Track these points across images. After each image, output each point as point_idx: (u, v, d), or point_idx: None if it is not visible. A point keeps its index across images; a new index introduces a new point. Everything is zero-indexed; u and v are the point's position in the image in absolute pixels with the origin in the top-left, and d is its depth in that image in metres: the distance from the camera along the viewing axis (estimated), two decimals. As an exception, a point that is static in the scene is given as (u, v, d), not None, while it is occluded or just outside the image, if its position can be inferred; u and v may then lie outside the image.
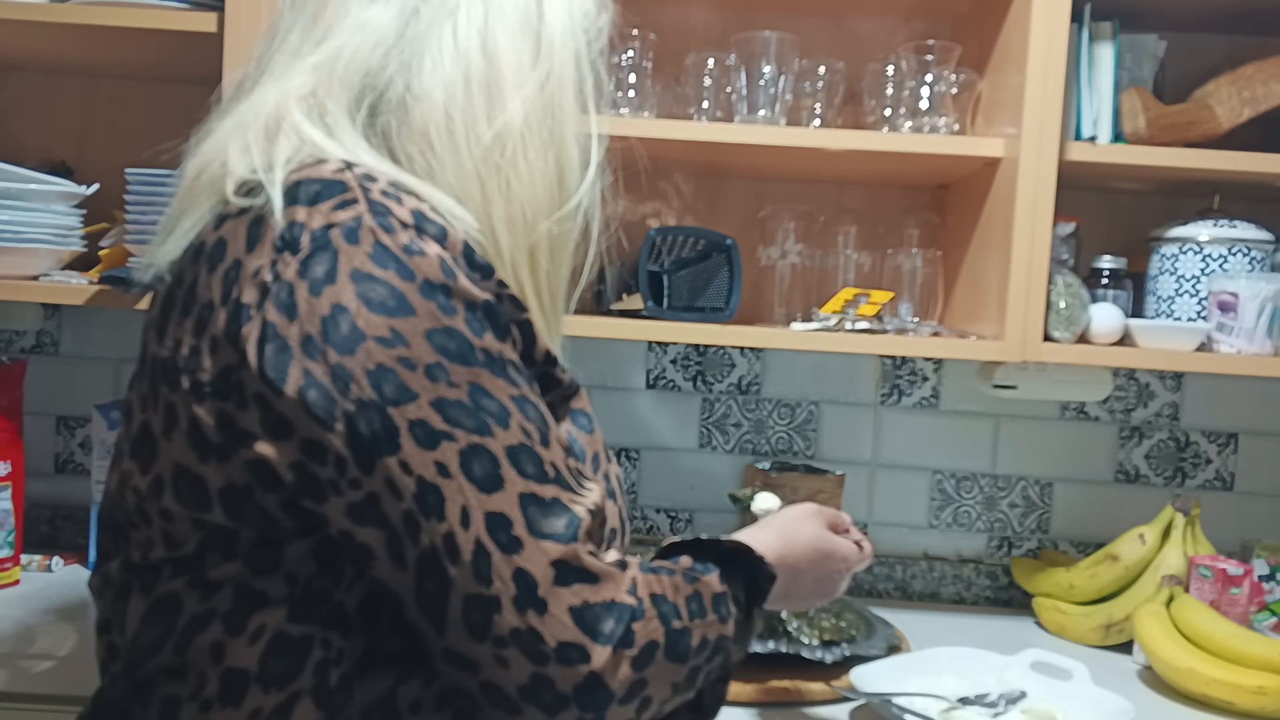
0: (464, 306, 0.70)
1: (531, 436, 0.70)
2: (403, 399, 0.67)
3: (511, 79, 0.77)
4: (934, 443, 1.78)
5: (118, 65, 1.66)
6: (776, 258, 1.66)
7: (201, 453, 0.71)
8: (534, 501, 0.69)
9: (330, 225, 0.68)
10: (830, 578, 1.00)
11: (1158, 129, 1.46)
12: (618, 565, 0.72)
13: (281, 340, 0.67)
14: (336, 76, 0.75)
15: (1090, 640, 1.55)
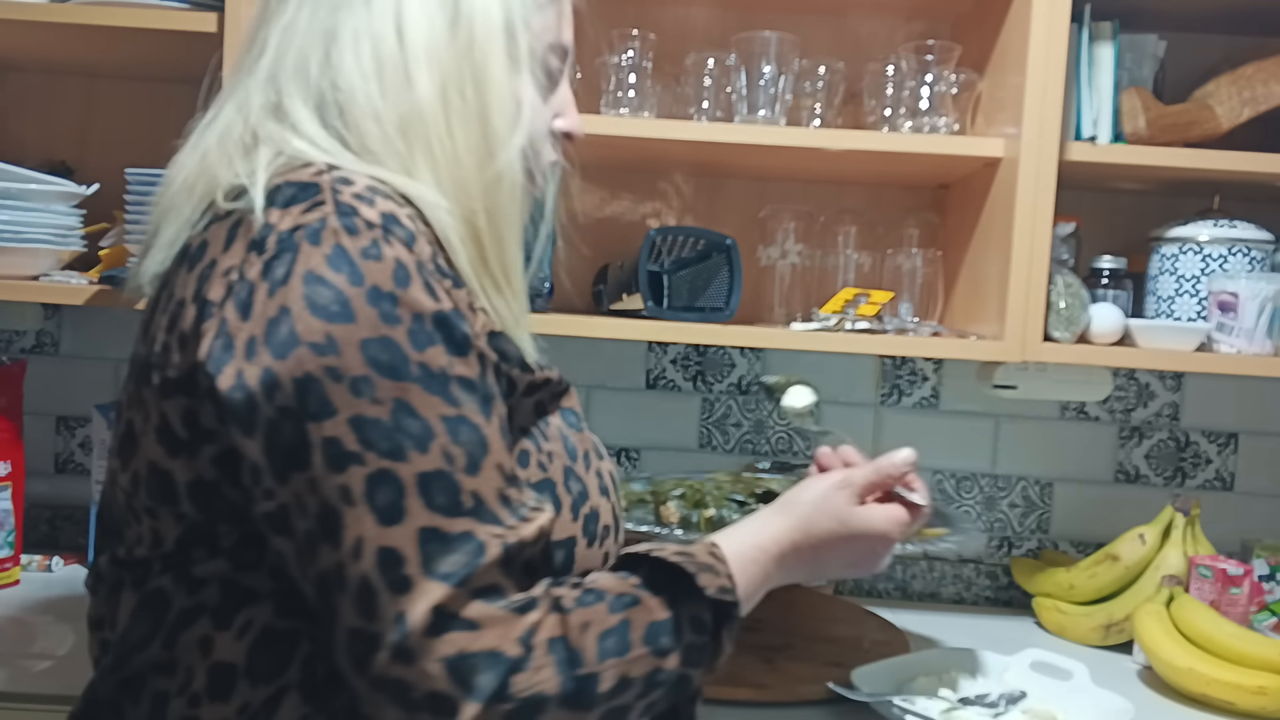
0: (411, 316, 0.68)
1: (455, 462, 0.67)
2: (321, 414, 0.66)
3: (424, 54, 0.76)
4: (934, 443, 1.78)
5: (118, 65, 1.66)
6: (776, 258, 1.66)
7: (170, 448, 0.72)
8: (435, 537, 0.65)
9: (297, 227, 0.69)
10: (866, 557, 0.91)
11: (1158, 129, 1.46)
12: (520, 607, 0.67)
13: (229, 338, 0.67)
14: (284, 84, 0.77)
15: (1090, 640, 1.55)
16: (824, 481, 0.91)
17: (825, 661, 1.36)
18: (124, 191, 1.49)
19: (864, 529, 0.89)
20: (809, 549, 0.87)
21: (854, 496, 0.90)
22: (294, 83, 0.77)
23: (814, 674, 1.31)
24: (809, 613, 1.56)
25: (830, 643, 1.44)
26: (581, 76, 1.53)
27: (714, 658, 0.77)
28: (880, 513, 0.91)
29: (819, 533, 0.87)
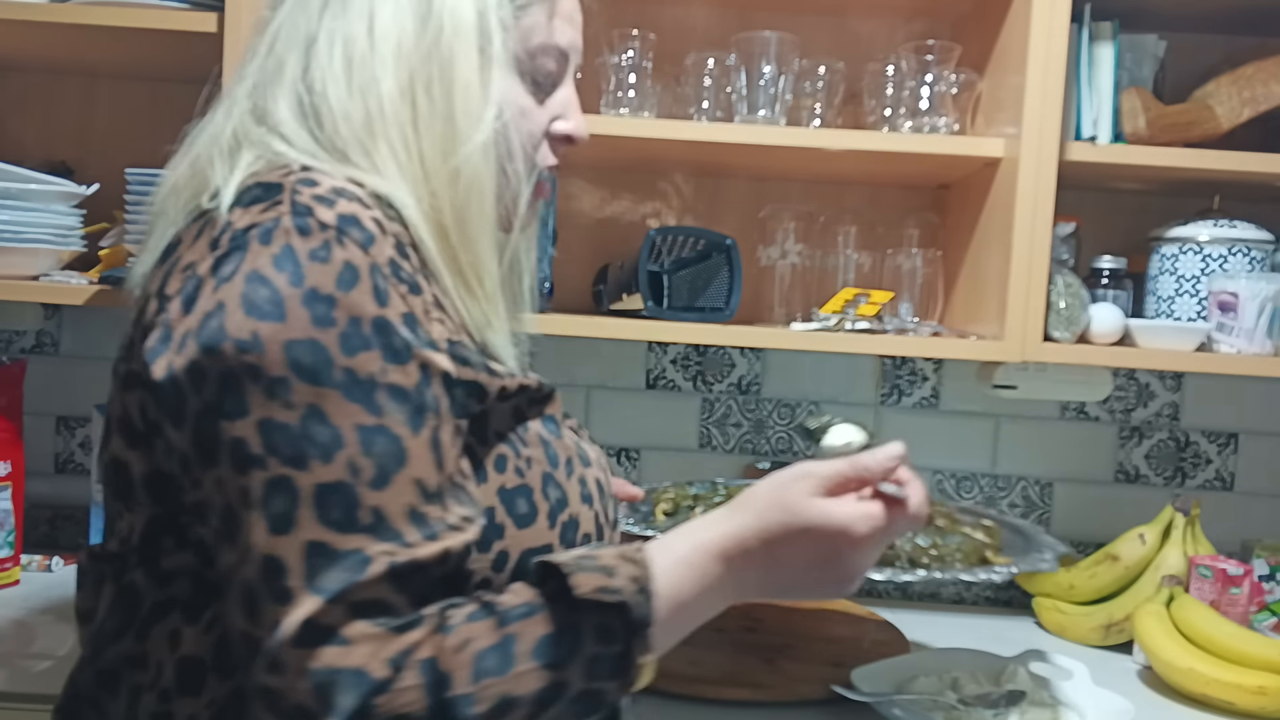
0: (347, 320, 0.67)
1: (360, 474, 0.66)
2: (235, 413, 0.66)
3: (392, 52, 0.77)
4: (934, 443, 1.78)
5: (118, 65, 1.66)
6: (776, 258, 1.66)
7: (129, 440, 0.73)
8: (322, 551, 0.64)
9: (252, 226, 0.69)
10: (829, 559, 0.77)
11: (1158, 129, 1.46)
12: (399, 627, 0.65)
13: (168, 330, 0.68)
14: (268, 87, 0.78)
15: (1090, 640, 1.55)
16: (784, 473, 0.78)
17: (825, 661, 1.36)
18: (124, 191, 1.49)
19: (820, 523, 0.75)
20: (760, 549, 0.76)
21: (815, 488, 0.76)
22: (275, 86, 0.78)
23: (814, 674, 1.31)
24: (809, 613, 1.56)
25: (830, 643, 1.44)
26: (581, 76, 1.53)
27: (626, 670, 0.70)
28: (842, 505, 0.76)
29: (770, 529, 0.76)
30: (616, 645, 0.70)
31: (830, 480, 0.77)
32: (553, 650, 0.68)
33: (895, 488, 0.78)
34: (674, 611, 0.74)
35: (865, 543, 0.76)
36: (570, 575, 0.69)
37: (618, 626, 0.70)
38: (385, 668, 0.64)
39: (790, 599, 0.94)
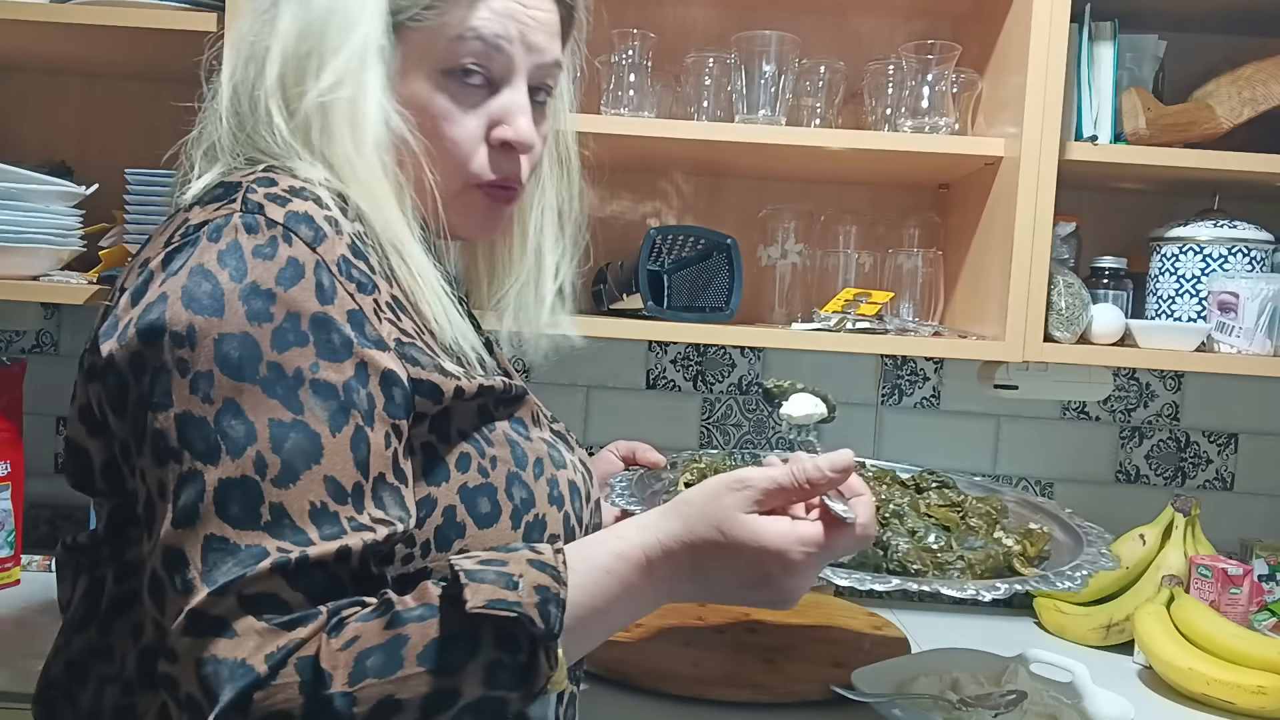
0: (285, 315, 0.68)
1: (267, 470, 0.66)
2: (160, 405, 0.67)
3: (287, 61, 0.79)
4: (935, 443, 1.78)
5: (118, 65, 1.66)
6: (777, 257, 1.66)
7: (90, 428, 0.76)
8: (219, 545, 0.65)
9: (204, 223, 0.71)
10: (758, 580, 0.73)
11: (1158, 129, 1.46)
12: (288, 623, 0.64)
13: (115, 319, 0.71)
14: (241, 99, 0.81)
15: (1090, 640, 1.55)
16: (720, 480, 0.74)
17: (825, 662, 1.36)
18: (124, 191, 1.49)
19: (751, 544, 0.71)
20: (687, 561, 0.73)
21: (748, 502, 0.72)
22: (229, 107, 0.81)
23: (814, 674, 1.31)
24: (809, 613, 1.56)
25: (830, 643, 1.44)
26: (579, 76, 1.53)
27: (528, 680, 0.67)
28: (776, 527, 0.71)
29: (696, 543, 0.72)
30: (520, 655, 0.67)
31: (767, 492, 0.73)
32: (444, 656, 0.65)
33: (842, 506, 0.73)
34: (591, 618, 0.72)
35: (800, 567, 0.72)
36: (466, 585, 0.66)
37: (520, 635, 0.67)
38: (265, 664, 0.63)
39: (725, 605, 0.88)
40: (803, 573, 0.72)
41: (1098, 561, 1.06)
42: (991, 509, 1.21)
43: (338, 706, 0.63)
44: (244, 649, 0.63)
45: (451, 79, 0.81)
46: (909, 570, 1.04)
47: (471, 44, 0.81)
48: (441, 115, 0.81)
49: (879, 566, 1.05)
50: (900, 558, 1.05)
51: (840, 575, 0.96)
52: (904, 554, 1.05)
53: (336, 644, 0.65)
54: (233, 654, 0.63)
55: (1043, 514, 1.27)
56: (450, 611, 0.66)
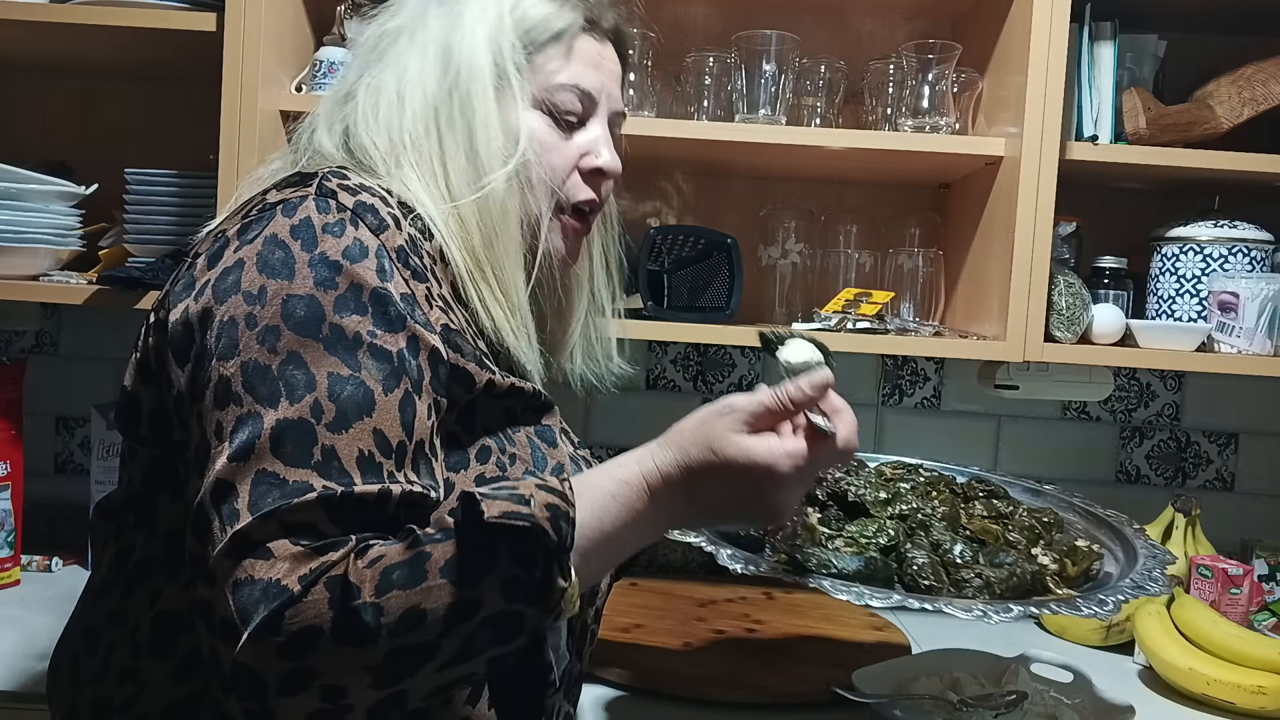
0: (348, 285, 0.74)
1: (322, 415, 0.70)
2: (226, 354, 0.72)
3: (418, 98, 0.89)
4: (935, 443, 1.78)
5: (118, 65, 1.66)
6: (777, 257, 1.66)
7: (143, 377, 0.81)
8: (269, 479, 0.68)
9: (281, 201, 0.78)
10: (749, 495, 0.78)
11: (1158, 129, 1.46)
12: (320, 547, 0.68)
13: (190, 280, 0.77)
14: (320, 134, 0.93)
15: (1090, 640, 1.55)
16: (707, 408, 0.80)
17: (825, 662, 1.36)
18: (123, 191, 1.49)
19: (742, 461, 0.76)
20: (683, 484, 0.77)
21: (738, 423, 0.77)
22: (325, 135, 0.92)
23: (814, 674, 1.31)
24: (809, 613, 1.56)
25: (830, 643, 1.45)
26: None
27: (544, 594, 0.70)
28: (765, 443, 0.77)
29: (692, 464, 0.77)
30: (536, 570, 0.70)
31: (753, 414, 0.77)
32: (464, 569, 0.68)
33: (823, 421, 0.78)
34: (598, 541, 0.75)
35: (789, 480, 0.77)
36: (482, 501, 0.70)
37: (536, 551, 0.70)
38: (299, 583, 0.66)
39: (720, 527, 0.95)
40: (791, 485, 0.78)
41: (1144, 586, 1.02)
42: (1039, 523, 1.16)
43: (366, 618, 0.66)
44: (279, 570, 0.66)
45: (549, 115, 0.94)
46: (919, 586, 1.02)
47: (573, 92, 0.95)
48: (546, 144, 0.93)
49: (889, 580, 1.02)
50: (914, 572, 1.03)
51: (840, 589, 0.95)
52: (918, 568, 1.03)
53: (363, 563, 0.68)
54: (268, 574, 0.66)
55: (1107, 529, 1.22)
56: (468, 528, 0.70)
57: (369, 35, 0.96)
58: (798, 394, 0.78)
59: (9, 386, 1.55)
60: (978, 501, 1.22)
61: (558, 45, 0.94)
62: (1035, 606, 0.98)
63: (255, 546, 0.67)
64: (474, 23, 0.91)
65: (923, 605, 0.96)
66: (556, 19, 0.94)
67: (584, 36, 0.96)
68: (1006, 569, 1.04)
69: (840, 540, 1.07)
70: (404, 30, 0.93)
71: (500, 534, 0.69)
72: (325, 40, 1.53)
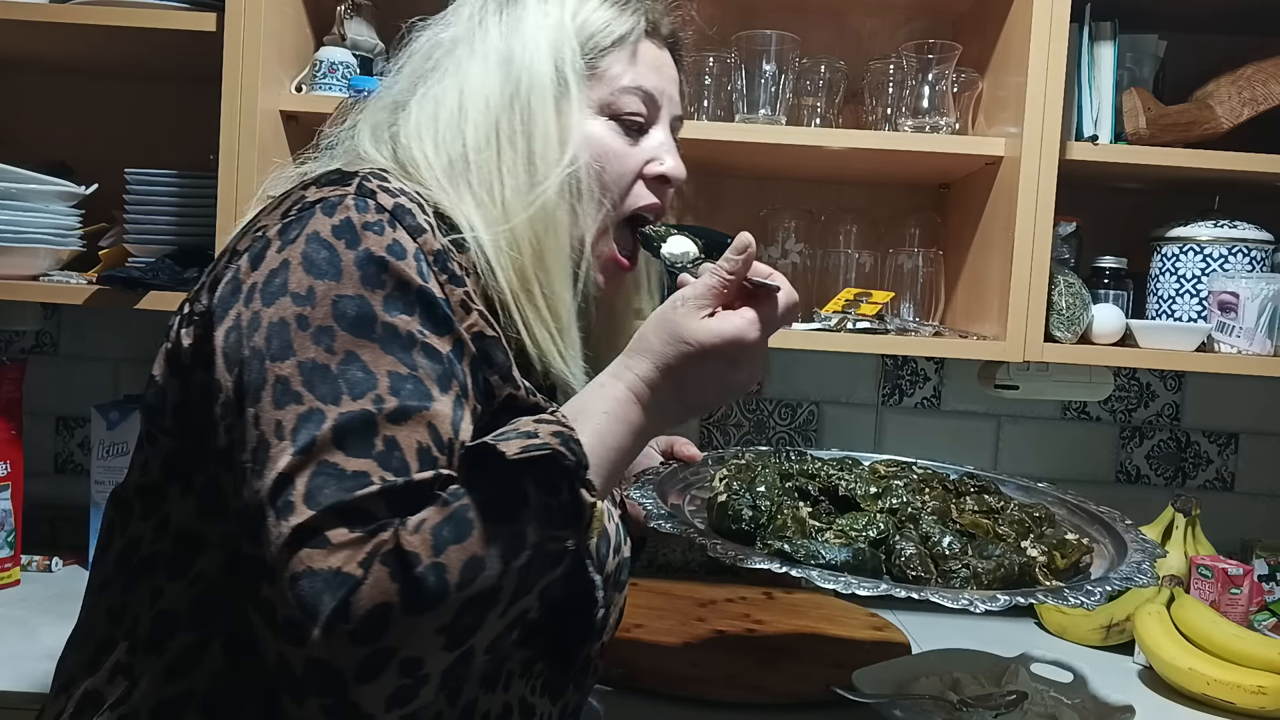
0: (394, 284, 0.75)
1: (383, 409, 0.71)
2: (281, 355, 0.72)
3: (480, 110, 0.88)
4: (935, 443, 1.78)
5: (118, 65, 1.66)
6: (777, 257, 1.66)
7: (173, 369, 0.81)
8: (329, 470, 0.69)
9: (320, 200, 0.78)
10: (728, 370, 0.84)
11: (1158, 129, 1.46)
12: (373, 530, 0.68)
13: (236, 283, 0.76)
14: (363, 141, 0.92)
15: (1090, 640, 1.55)
16: (663, 309, 0.85)
17: (825, 662, 1.36)
18: (123, 191, 1.49)
19: (714, 342, 0.82)
20: (668, 383, 0.82)
21: (696, 310, 0.83)
22: (369, 141, 0.91)
23: (814, 674, 1.31)
24: (810, 613, 1.56)
25: (830, 643, 1.44)
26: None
27: (577, 516, 0.74)
28: (729, 320, 0.83)
29: (670, 363, 0.82)
30: (562, 494, 0.73)
31: (705, 298, 0.84)
32: (502, 509, 0.70)
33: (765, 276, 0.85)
34: (604, 457, 0.80)
35: (758, 344, 0.84)
36: (496, 444, 0.72)
37: (557, 476, 0.73)
38: (360, 568, 0.66)
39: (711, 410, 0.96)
40: (760, 349, 0.84)
41: (1133, 578, 1.03)
42: (1030, 517, 1.17)
43: (432, 579, 0.66)
44: (338, 558, 0.66)
45: (614, 120, 0.94)
46: (907, 577, 1.02)
47: (637, 95, 0.94)
48: (611, 152, 0.93)
49: (877, 571, 1.03)
50: (902, 563, 1.04)
51: (827, 579, 0.95)
52: (906, 559, 1.04)
53: (407, 531, 0.68)
54: (327, 563, 0.66)
55: (1099, 525, 1.23)
56: (491, 474, 0.71)
57: (421, 44, 0.95)
58: (732, 265, 0.84)
59: (9, 386, 1.55)
60: (969, 496, 1.22)
61: (620, 50, 0.94)
62: (1022, 596, 0.98)
63: (312, 536, 0.67)
64: (536, 29, 0.90)
65: (909, 594, 0.96)
66: (618, 24, 0.94)
67: (645, 41, 0.96)
68: (994, 560, 1.05)
69: (830, 533, 1.07)
70: (461, 40, 0.92)
71: (524, 468, 0.71)
72: (325, 40, 1.53)
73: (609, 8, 0.94)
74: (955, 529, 1.11)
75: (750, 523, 1.08)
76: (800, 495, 1.16)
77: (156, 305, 1.42)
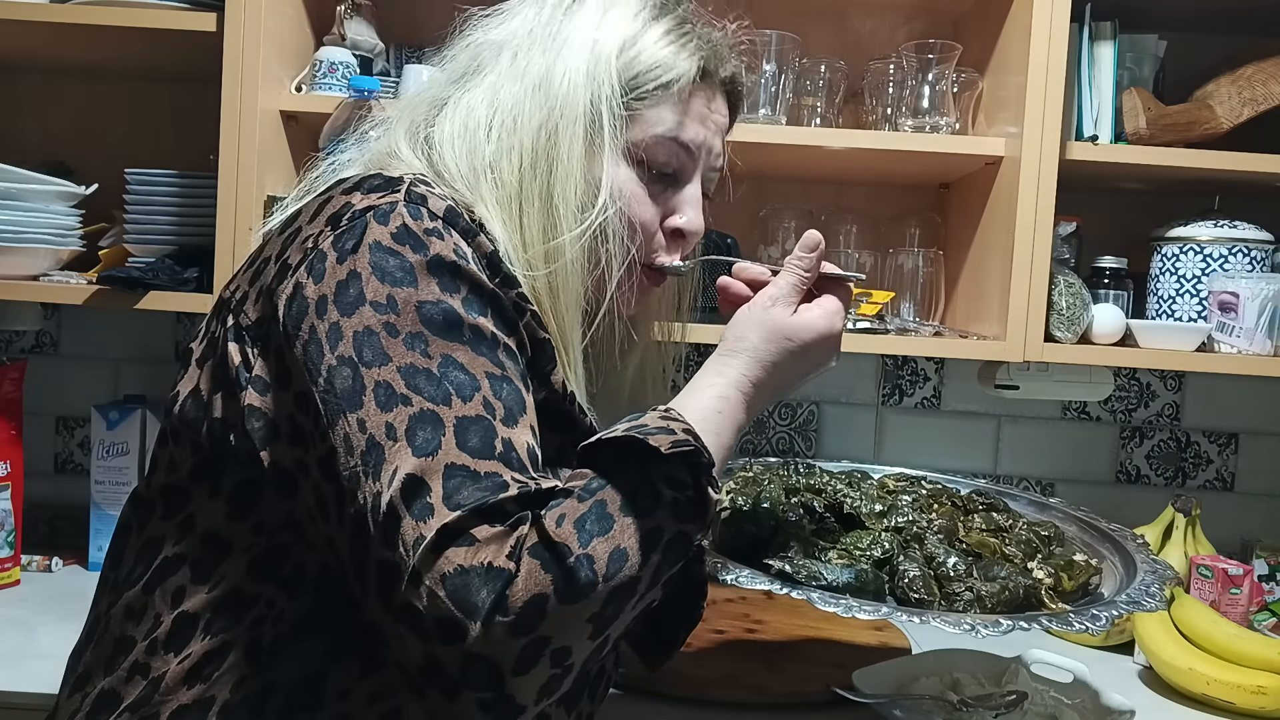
0: (469, 287, 0.76)
1: (495, 413, 0.73)
2: (375, 361, 0.72)
3: (506, 125, 0.86)
4: (935, 443, 1.78)
5: (118, 65, 1.66)
6: (777, 257, 1.66)
7: (217, 383, 0.79)
8: (462, 472, 0.69)
9: (370, 208, 0.77)
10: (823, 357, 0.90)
11: (1158, 129, 1.46)
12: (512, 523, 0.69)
13: (305, 299, 0.75)
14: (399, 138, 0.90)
15: (1090, 640, 1.55)
16: (754, 309, 0.88)
17: (825, 662, 1.36)
18: (123, 191, 1.49)
19: (812, 336, 0.87)
20: (769, 380, 0.87)
21: (789, 307, 0.88)
22: (405, 139, 0.89)
23: (814, 674, 1.31)
24: (810, 614, 1.56)
25: (830, 643, 1.44)
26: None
27: (704, 510, 0.76)
28: (819, 313, 0.88)
29: (774, 360, 0.87)
30: (688, 490, 0.75)
31: (792, 295, 0.88)
32: (639, 502, 0.73)
33: (840, 270, 0.92)
34: (720, 454, 0.82)
35: (839, 332, 0.89)
36: (648, 438, 0.74)
37: (683, 472, 0.75)
38: (509, 561, 0.68)
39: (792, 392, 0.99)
40: (840, 335, 0.89)
41: (1140, 602, 1.02)
42: (1037, 536, 1.16)
43: (584, 570, 0.68)
44: (487, 553, 0.67)
45: (644, 167, 0.90)
46: (909, 599, 1.03)
47: (672, 147, 0.90)
48: (633, 197, 0.89)
49: (881, 592, 1.03)
50: (905, 584, 1.03)
51: (827, 601, 0.96)
52: (909, 581, 1.04)
53: (551, 524, 0.70)
54: (476, 560, 0.67)
55: (1110, 543, 1.22)
56: (625, 468, 0.74)
57: (472, 40, 0.91)
58: (807, 263, 0.89)
59: (9, 386, 1.55)
60: (977, 514, 1.21)
61: (665, 94, 0.89)
62: (1025, 621, 0.97)
63: (457, 536, 0.67)
64: (578, 58, 0.86)
65: (910, 619, 0.97)
66: (669, 68, 0.88)
67: (696, 88, 0.90)
68: (999, 583, 1.04)
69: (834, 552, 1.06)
70: (506, 46, 0.89)
71: (654, 463, 0.74)
72: (325, 40, 1.53)
73: (665, 46, 0.89)
74: (962, 549, 1.11)
75: (753, 540, 1.08)
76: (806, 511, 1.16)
77: (156, 305, 1.42)
